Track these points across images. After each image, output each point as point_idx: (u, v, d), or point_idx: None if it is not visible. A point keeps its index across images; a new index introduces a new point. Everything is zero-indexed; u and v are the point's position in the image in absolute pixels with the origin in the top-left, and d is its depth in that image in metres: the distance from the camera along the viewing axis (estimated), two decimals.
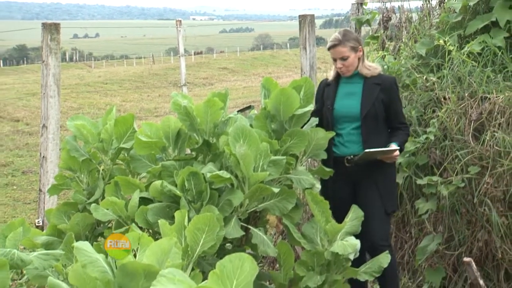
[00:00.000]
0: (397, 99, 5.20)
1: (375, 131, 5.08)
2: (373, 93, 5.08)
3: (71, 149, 5.46)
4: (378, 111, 5.07)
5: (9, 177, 12.86)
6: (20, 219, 5.37)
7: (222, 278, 2.91)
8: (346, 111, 5.15)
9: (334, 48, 5.09)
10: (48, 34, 6.99)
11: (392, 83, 5.19)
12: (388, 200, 5.11)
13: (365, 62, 5.17)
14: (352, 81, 5.19)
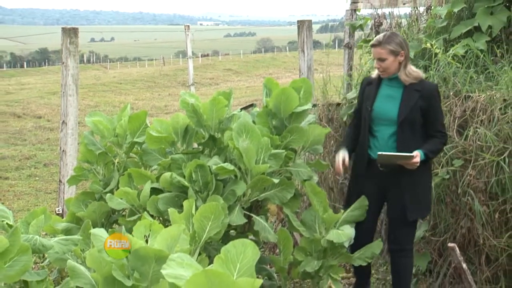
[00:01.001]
0: (436, 106, 4.82)
1: (411, 137, 4.77)
2: (412, 99, 4.75)
3: (88, 143, 5.46)
4: (416, 118, 4.76)
5: (32, 169, 12.86)
6: (42, 207, 5.37)
7: (226, 262, 2.90)
8: (383, 113, 4.85)
9: (374, 48, 4.84)
10: (67, 38, 6.98)
11: (433, 90, 4.82)
12: (414, 208, 4.80)
13: (407, 68, 4.78)
14: (393, 84, 4.87)
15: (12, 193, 10.50)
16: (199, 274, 2.75)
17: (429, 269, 5.60)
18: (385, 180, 4.85)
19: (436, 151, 4.84)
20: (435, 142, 4.79)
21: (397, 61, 4.76)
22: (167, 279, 2.91)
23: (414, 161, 4.61)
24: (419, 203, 4.84)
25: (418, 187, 4.80)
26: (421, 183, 4.82)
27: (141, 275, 3.26)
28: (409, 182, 4.76)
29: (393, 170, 4.74)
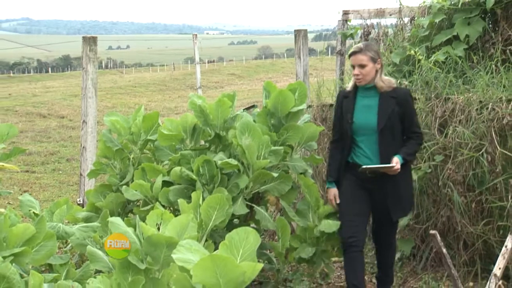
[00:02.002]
0: (411, 110, 4.67)
1: (392, 142, 4.57)
2: (389, 107, 4.55)
3: (106, 141, 5.46)
4: (394, 124, 4.56)
5: (56, 163, 12.87)
6: (64, 198, 5.37)
7: (230, 247, 2.90)
8: (364, 123, 4.61)
9: (355, 55, 4.59)
10: (87, 46, 6.97)
11: (407, 95, 4.67)
12: (396, 209, 4.63)
13: (382, 75, 4.62)
14: (368, 94, 4.64)
15: (38, 185, 10.51)
16: (206, 258, 2.74)
17: (412, 254, 5.59)
18: (370, 184, 4.63)
19: (413, 152, 4.69)
20: (412, 143, 4.65)
21: (374, 69, 4.57)
22: (177, 263, 2.91)
23: (395, 169, 4.46)
24: (401, 203, 4.68)
25: (400, 189, 4.63)
26: (402, 185, 4.65)
27: (154, 259, 3.26)
28: (392, 185, 4.58)
29: (377, 175, 4.56)
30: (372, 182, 4.60)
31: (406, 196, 4.71)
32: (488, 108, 5.12)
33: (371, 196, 4.67)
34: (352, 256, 4.56)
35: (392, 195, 4.60)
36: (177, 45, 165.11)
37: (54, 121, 19.42)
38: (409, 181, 4.78)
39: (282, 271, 5.06)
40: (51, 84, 39.41)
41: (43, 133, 16.86)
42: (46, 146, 14.82)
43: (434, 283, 5.13)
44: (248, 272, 2.79)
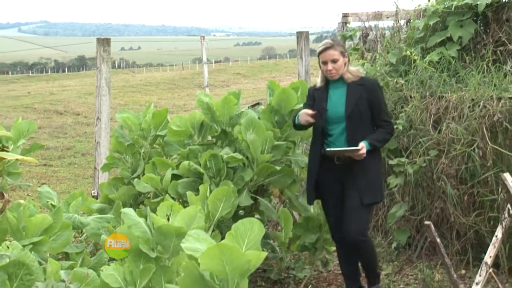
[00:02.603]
0: (379, 98, 4.54)
1: (360, 129, 4.43)
2: (356, 93, 4.45)
3: (118, 136, 5.46)
4: (362, 110, 4.43)
5: (72, 158, 12.89)
6: (80, 190, 5.37)
7: (236, 237, 2.90)
8: (334, 112, 4.48)
9: (327, 51, 4.45)
10: (101, 46, 6.97)
11: (375, 84, 4.60)
12: (366, 192, 4.43)
13: (349, 68, 4.53)
14: (338, 86, 4.53)
15: (55, 178, 10.53)
16: (213, 247, 2.74)
17: (408, 243, 5.59)
18: (340, 172, 4.47)
19: (381, 140, 4.52)
20: (381, 131, 4.50)
21: (343, 62, 4.47)
22: (186, 252, 2.91)
23: (360, 153, 4.31)
24: (371, 187, 4.46)
25: (368, 172, 4.45)
26: (371, 169, 4.46)
27: (164, 248, 3.26)
28: (360, 168, 4.41)
29: (346, 161, 4.41)
30: (344, 170, 4.44)
31: (375, 181, 4.52)
32: (480, 106, 5.10)
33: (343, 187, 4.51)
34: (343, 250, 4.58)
35: (361, 176, 4.43)
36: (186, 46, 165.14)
37: (70, 118, 19.44)
38: (378, 168, 4.62)
39: (285, 259, 5.06)
40: (67, 83, 39.47)
41: (60, 129, 16.89)
42: (62, 142, 14.84)
43: (428, 271, 5.12)
44: (253, 260, 2.79)
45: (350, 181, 4.45)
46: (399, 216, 5.48)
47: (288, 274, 5.07)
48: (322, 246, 4.94)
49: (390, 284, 5.04)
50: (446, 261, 4.86)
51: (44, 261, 3.34)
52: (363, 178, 4.44)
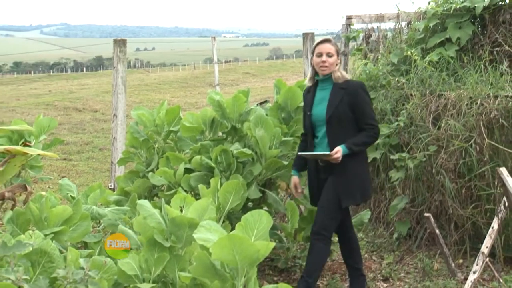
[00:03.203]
0: (362, 101, 4.27)
1: (341, 132, 4.21)
2: (338, 97, 4.22)
3: (134, 132, 5.47)
4: (342, 114, 4.20)
5: (90, 152, 12.92)
6: (97, 183, 5.38)
7: (245, 228, 2.90)
8: (318, 116, 4.29)
9: (325, 44, 4.27)
10: (117, 47, 6.98)
11: (358, 87, 4.30)
12: (345, 194, 4.23)
13: (339, 68, 4.33)
14: (324, 87, 4.33)
15: (74, 172, 10.55)
16: (224, 237, 2.75)
17: (408, 234, 5.57)
18: (325, 173, 4.29)
19: (360, 143, 4.23)
20: (362, 135, 4.23)
21: (336, 61, 4.28)
22: (198, 242, 2.92)
23: (335, 157, 4.10)
24: (351, 191, 4.25)
25: (349, 175, 4.23)
26: (352, 172, 4.23)
27: (177, 238, 3.26)
28: (340, 171, 4.20)
29: (330, 164, 4.20)
30: (327, 172, 4.27)
31: (355, 184, 4.28)
32: (477, 104, 5.09)
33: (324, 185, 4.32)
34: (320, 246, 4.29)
35: (341, 182, 4.22)
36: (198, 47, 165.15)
37: (88, 115, 19.48)
38: (360, 170, 4.36)
39: (291, 249, 5.06)
40: (86, 82, 39.56)
41: (79, 125, 16.93)
42: (81, 137, 14.87)
43: (427, 260, 5.11)
44: (261, 250, 2.79)
45: (330, 183, 4.25)
46: (400, 208, 5.47)
47: (295, 263, 5.07)
48: None
49: (391, 272, 5.03)
50: (445, 251, 4.85)
51: (64, 250, 3.36)
52: (342, 181, 4.23)
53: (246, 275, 2.84)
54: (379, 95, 5.90)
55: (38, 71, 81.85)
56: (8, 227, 3.76)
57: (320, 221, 4.28)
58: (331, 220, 4.29)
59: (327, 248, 4.33)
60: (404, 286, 4.80)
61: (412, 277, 4.98)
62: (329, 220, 4.28)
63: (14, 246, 2.64)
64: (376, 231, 5.95)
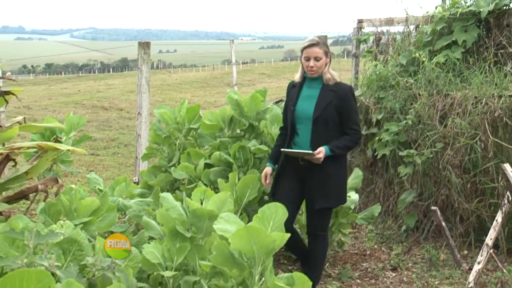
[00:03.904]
0: (350, 106, 4.12)
1: (325, 133, 4.04)
2: (327, 99, 4.04)
3: (156, 129, 5.49)
4: (329, 116, 4.03)
5: (116, 148, 12.97)
6: (123, 177, 5.42)
7: (262, 220, 2.90)
8: (303, 112, 4.10)
9: (312, 48, 4.06)
10: (142, 49, 7.00)
11: (347, 91, 4.14)
12: (321, 198, 4.08)
13: (329, 69, 4.13)
14: (313, 85, 4.14)
15: (101, 166, 10.61)
16: (242, 229, 2.75)
17: (416, 226, 5.54)
18: (304, 172, 4.11)
19: (343, 147, 4.08)
20: (345, 139, 4.09)
21: (325, 62, 4.08)
22: (217, 232, 2.92)
23: (317, 157, 3.94)
24: (328, 194, 4.10)
25: (328, 180, 4.08)
26: (332, 177, 4.10)
27: (198, 229, 3.27)
28: (321, 176, 4.06)
29: (310, 163, 4.04)
30: (306, 170, 4.09)
31: (334, 188, 4.14)
32: (482, 103, 5.06)
33: (304, 186, 4.16)
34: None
35: (320, 184, 4.07)
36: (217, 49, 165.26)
37: (114, 113, 19.56)
38: (341, 174, 4.22)
39: (304, 240, 5.05)
40: (112, 82, 39.74)
41: (106, 123, 17.00)
42: (108, 134, 14.94)
43: (434, 251, 5.07)
44: (277, 241, 2.79)
45: (310, 186, 4.11)
46: (408, 202, 5.44)
47: None
48: (338, 229, 4.91)
49: (399, 262, 5.00)
50: (451, 243, 4.82)
51: (93, 239, 3.38)
52: (321, 184, 4.08)
53: (262, 264, 2.84)
54: (389, 94, 5.87)
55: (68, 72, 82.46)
56: (41, 217, 3.79)
57: (313, 225, 4.24)
58: (324, 221, 4.27)
59: (325, 246, 4.33)
60: (412, 275, 4.78)
61: (419, 267, 4.95)
62: (322, 221, 4.25)
63: (47, 235, 2.66)
64: (385, 224, 5.92)
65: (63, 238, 2.84)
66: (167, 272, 3.15)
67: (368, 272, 4.89)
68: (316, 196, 4.09)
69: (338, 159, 4.11)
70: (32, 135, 6.48)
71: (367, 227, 5.91)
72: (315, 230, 4.24)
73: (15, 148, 4.09)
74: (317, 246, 4.27)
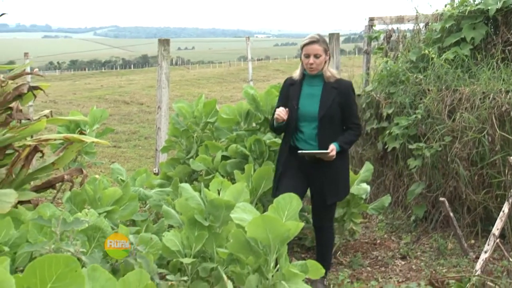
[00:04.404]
0: (352, 102, 4.07)
1: (331, 130, 3.97)
2: (331, 96, 3.96)
3: (175, 123, 5.50)
4: (334, 113, 3.96)
5: (137, 141, 13.04)
6: (143, 168, 5.45)
7: (277, 210, 2.90)
8: (307, 111, 4.00)
9: (312, 45, 3.95)
10: (162, 46, 7.01)
11: (349, 87, 4.08)
12: (332, 194, 4.04)
13: (329, 66, 4.06)
14: (314, 83, 4.04)
15: (123, 158, 10.66)
16: (258, 218, 2.76)
17: (425, 217, 5.51)
18: (309, 169, 4.03)
19: (350, 142, 4.09)
20: (350, 134, 4.06)
21: (324, 60, 3.98)
22: (234, 221, 2.93)
23: (330, 155, 3.89)
24: (337, 189, 4.09)
25: (337, 175, 4.07)
26: (340, 172, 4.09)
27: (215, 218, 3.28)
28: (330, 172, 4.00)
29: (316, 160, 3.98)
30: (312, 167, 4.02)
31: (342, 182, 4.15)
32: (490, 98, 5.02)
33: (309, 181, 4.09)
34: None
35: (330, 180, 4.02)
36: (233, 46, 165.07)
37: (135, 107, 19.64)
38: (346, 168, 4.21)
39: None
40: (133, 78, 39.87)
41: (127, 117, 17.08)
42: (129, 127, 15.02)
43: (442, 241, 5.05)
44: (292, 230, 2.80)
45: (318, 182, 4.05)
46: (417, 193, 5.42)
47: None
48: (350, 219, 4.90)
49: (409, 251, 4.99)
50: (458, 232, 4.80)
51: (115, 227, 3.40)
52: (331, 181, 4.03)
53: (277, 252, 2.85)
54: (399, 90, 5.84)
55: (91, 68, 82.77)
56: (67, 206, 3.83)
57: (320, 218, 4.21)
58: (331, 212, 4.27)
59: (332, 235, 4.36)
60: (420, 263, 4.76)
61: (428, 255, 4.93)
62: (330, 213, 4.25)
63: (73, 222, 2.69)
64: (395, 214, 5.90)
65: (87, 226, 2.86)
66: (186, 259, 3.16)
67: (378, 260, 4.87)
68: (326, 192, 4.04)
69: (343, 153, 4.08)
70: (58, 127, 6.53)
71: (378, 217, 5.89)
72: (323, 222, 4.23)
73: (43, 140, 4.13)
74: (326, 236, 4.27)
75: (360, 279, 4.43)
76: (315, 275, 2.95)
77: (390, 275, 4.54)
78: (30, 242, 2.87)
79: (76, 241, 2.70)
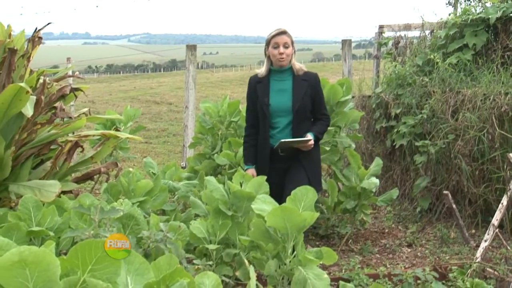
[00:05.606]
0: (321, 93, 3.85)
1: (304, 122, 3.75)
2: (302, 89, 3.71)
3: (201, 121, 5.52)
4: (307, 105, 3.72)
5: (166, 137, 13.13)
6: (172, 162, 5.48)
7: (294, 201, 2.90)
8: (279, 106, 3.71)
9: (282, 35, 3.68)
10: (189, 51, 7.04)
11: (317, 79, 3.82)
12: (314, 181, 3.72)
13: (294, 60, 3.79)
14: (282, 77, 3.76)
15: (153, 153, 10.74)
16: (277, 208, 2.76)
17: (429, 208, 5.47)
18: (287, 163, 3.75)
19: (323, 132, 3.86)
20: (322, 124, 3.83)
21: (292, 51, 3.72)
22: (255, 211, 2.93)
23: (309, 143, 3.64)
24: (316, 178, 3.82)
25: (314, 164, 3.82)
26: (315, 161, 3.83)
27: (238, 208, 3.29)
28: (308, 161, 3.74)
29: (292, 152, 3.71)
30: (290, 160, 3.74)
31: (318, 172, 3.88)
32: (490, 99, 4.96)
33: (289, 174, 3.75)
34: None
35: (309, 169, 3.74)
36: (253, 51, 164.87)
37: (165, 107, 19.76)
38: (319, 159, 3.96)
39: (331, 219, 5.03)
40: (163, 80, 40.09)
41: (157, 115, 17.20)
42: (159, 125, 15.12)
43: (445, 230, 5.00)
44: (308, 219, 2.79)
45: (298, 173, 3.72)
46: (422, 186, 5.37)
47: (333, 230, 5.04)
48: (361, 210, 4.88)
49: (414, 240, 4.95)
50: (460, 223, 4.75)
51: (147, 216, 3.43)
52: (310, 170, 3.76)
53: (294, 240, 2.85)
54: (406, 91, 5.78)
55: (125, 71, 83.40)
56: (104, 196, 3.86)
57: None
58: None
59: None
60: (425, 251, 4.72)
61: (432, 243, 4.88)
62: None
63: (109, 211, 2.71)
64: (402, 205, 5.86)
65: (122, 214, 2.89)
66: (211, 245, 3.18)
67: (387, 248, 4.85)
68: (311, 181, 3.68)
69: (316, 144, 3.82)
70: (95, 125, 6.60)
71: (386, 208, 5.86)
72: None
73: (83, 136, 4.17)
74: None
75: (370, 265, 4.41)
76: (329, 261, 2.95)
77: (397, 261, 4.51)
78: (72, 228, 2.91)
79: (113, 227, 2.73)
